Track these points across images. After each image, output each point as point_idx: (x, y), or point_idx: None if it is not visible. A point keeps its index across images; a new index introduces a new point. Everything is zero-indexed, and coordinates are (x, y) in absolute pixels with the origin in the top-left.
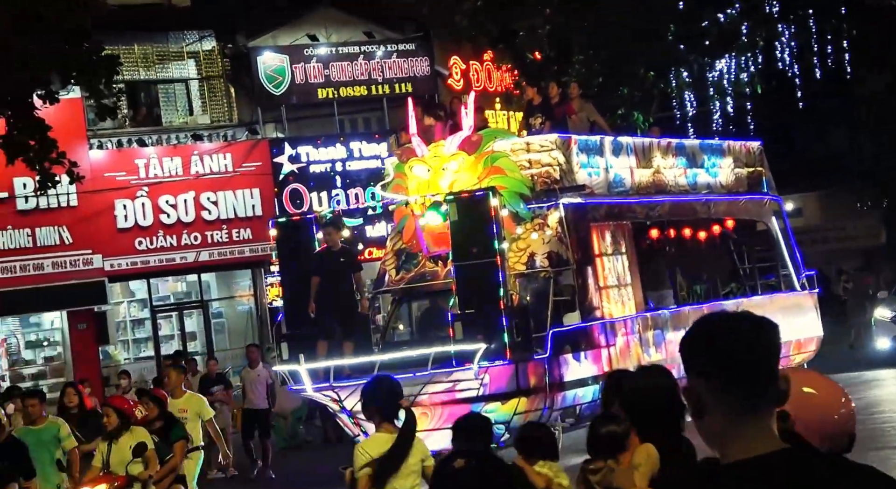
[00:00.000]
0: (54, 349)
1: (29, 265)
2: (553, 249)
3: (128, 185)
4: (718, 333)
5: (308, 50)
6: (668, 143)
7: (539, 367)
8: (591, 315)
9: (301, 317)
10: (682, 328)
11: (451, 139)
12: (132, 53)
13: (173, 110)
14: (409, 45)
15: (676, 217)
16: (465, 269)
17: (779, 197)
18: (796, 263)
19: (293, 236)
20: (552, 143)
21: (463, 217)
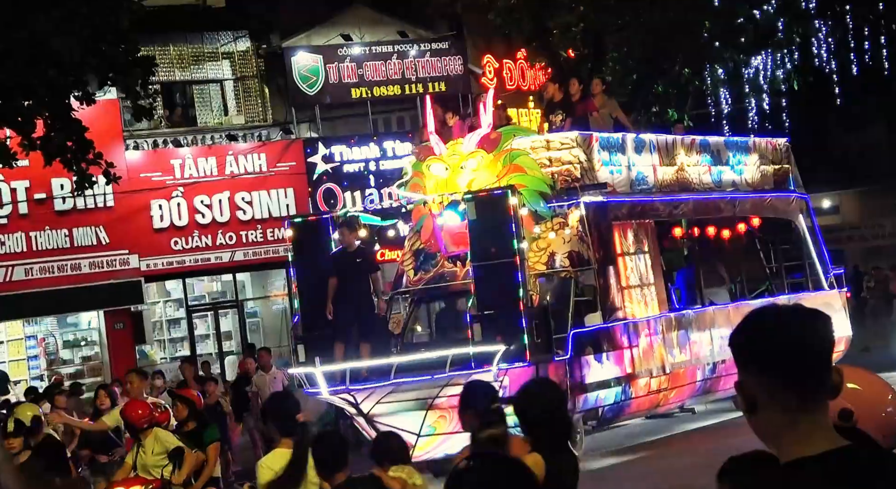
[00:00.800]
0: (91, 349)
1: (66, 265)
2: (574, 249)
3: (163, 185)
4: (771, 327)
5: (342, 50)
6: (692, 140)
7: (560, 369)
8: (613, 315)
9: (318, 319)
10: (707, 329)
11: (470, 137)
12: (167, 54)
13: (208, 111)
14: (443, 44)
15: (701, 215)
16: (483, 269)
17: (806, 194)
18: (824, 262)
19: (309, 237)
20: (573, 141)
21: (481, 216)
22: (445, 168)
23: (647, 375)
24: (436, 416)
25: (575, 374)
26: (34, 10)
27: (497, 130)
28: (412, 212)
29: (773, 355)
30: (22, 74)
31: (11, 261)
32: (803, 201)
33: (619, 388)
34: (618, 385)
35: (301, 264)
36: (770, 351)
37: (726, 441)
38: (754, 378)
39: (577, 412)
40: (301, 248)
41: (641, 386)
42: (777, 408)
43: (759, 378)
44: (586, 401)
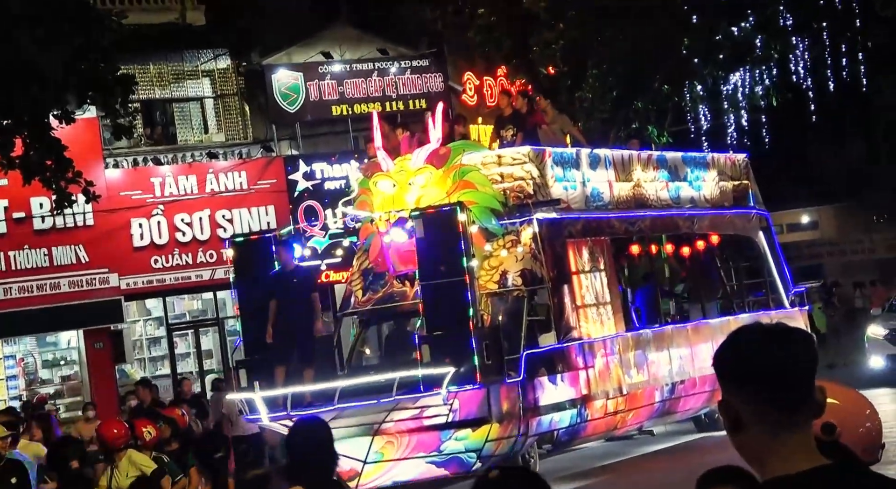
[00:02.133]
0: (71, 368)
1: (45, 284)
2: (527, 267)
3: (143, 203)
4: (756, 346)
5: (322, 67)
6: (648, 155)
7: (512, 391)
8: (567, 335)
9: (260, 343)
10: (666, 348)
11: (418, 152)
12: (147, 72)
13: (188, 128)
14: (423, 62)
15: (658, 232)
16: (432, 289)
17: (766, 211)
18: (785, 280)
19: (252, 256)
20: (525, 156)
21: (429, 234)
22: (393, 184)
23: (604, 397)
24: (383, 442)
25: (528, 397)
26: (15, 28)
27: (446, 146)
28: (360, 230)
29: (758, 374)
30: (1, 93)
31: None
32: (763, 218)
33: (575, 411)
34: (573, 407)
35: (243, 285)
36: (755, 370)
37: (686, 463)
38: (739, 397)
39: (531, 435)
40: (243, 269)
41: (598, 408)
42: (761, 426)
43: (744, 397)
44: (540, 425)
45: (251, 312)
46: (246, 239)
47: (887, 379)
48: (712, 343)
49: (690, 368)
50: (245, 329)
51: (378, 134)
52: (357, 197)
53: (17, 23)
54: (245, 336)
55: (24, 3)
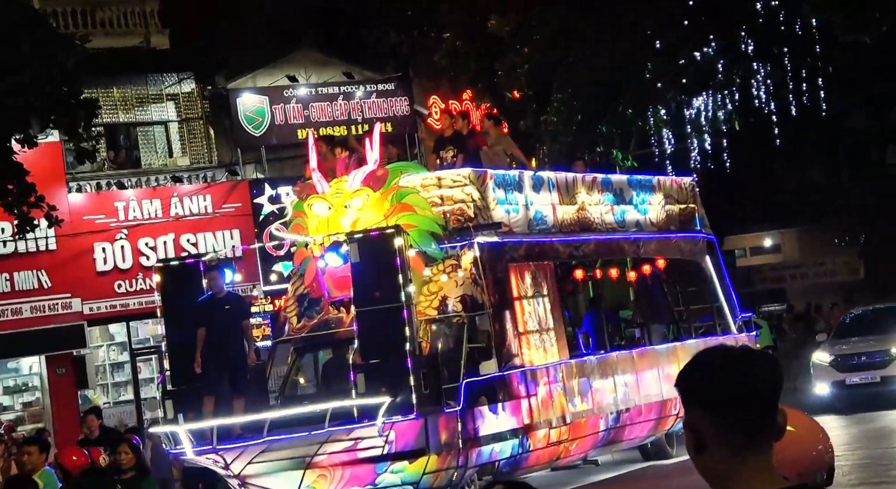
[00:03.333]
0: (33, 394)
1: (7, 310)
2: (467, 292)
3: (107, 227)
4: (720, 368)
5: (288, 91)
6: (593, 178)
7: (451, 421)
8: (509, 363)
9: (188, 372)
10: (611, 376)
11: (355, 174)
12: (111, 96)
13: (153, 152)
14: (389, 85)
15: (603, 256)
16: (368, 315)
17: (713, 235)
18: (732, 305)
19: (180, 281)
20: (466, 178)
21: (365, 258)
22: (328, 207)
23: (547, 426)
24: (315, 476)
25: (468, 427)
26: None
27: (384, 167)
28: (295, 254)
29: (722, 396)
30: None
31: None
32: (710, 242)
33: (516, 441)
34: (514, 437)
35: (171, 311)
36: (720, 391)
37: None
38: (703, 418)
39: (470, 467)
40: (171, 294)
41: (540, 437)
42: (725, 448)
43: (707, 418)
44: (480, 456)
45: (178, 341)
46: (172, 264)
47: (832, 405)
48: (658, 370)
49: (636, 396)
50: (172, 358)
51: (313, 154)
52: (292, 220)
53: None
54: (172, 365)
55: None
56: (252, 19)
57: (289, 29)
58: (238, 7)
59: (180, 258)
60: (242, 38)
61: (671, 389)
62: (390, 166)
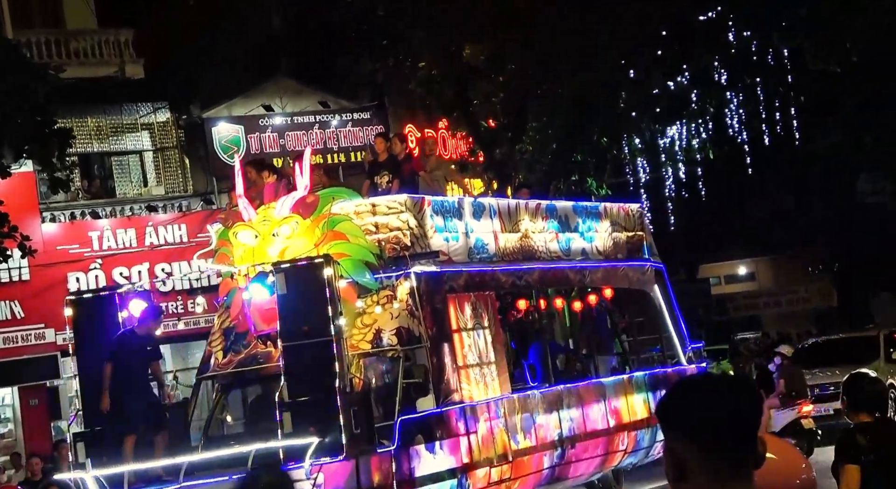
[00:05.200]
0: (5, 426)
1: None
2: (403, 324)
3: (81, 257)
4: (704, 396)
5: (263, 120)
6: (536, 204)
7: (384, 462)
8: (447, 399)
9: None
10: (554, 410)
11: (283, 201)
12: (85, 125)
13: (127, 182)
14: (364, 114)
15: (548, 286)
16: (295, 350)
17: (661, 263)
18: (682, 335)
19: (94, 315)
20: (402, 205)
21: (292, 290)
22: (255, 235)
23: (488, 465)
24: None
25: (402, 467)
26: None
27: (314, 193)
28: (220, 285)
29: (704, 423)
30: None
31: None
32: (659, 271)
33: (455, 481)
34: (452, 477)
35: (83, 347)
36: (702, 419)
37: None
38: (684, 445)
39: None
40: (84, 328)
41: (480, 477)
42: (707, 476)
43: (689, 445)
44: None
45: (92, 378)
46: (85, 296)
47: None
48: (605, 402)
49: (582, 430)
50: (84, 397)
51: (239, 180)
52: (217, 249)
53: None
54: (84, 405)
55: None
56: (227, 49)
57: (264, 58)
58: (213, 37)
59: (94, 290)
60: (217, 68)
61: (618, 423)
62: (321, 192)
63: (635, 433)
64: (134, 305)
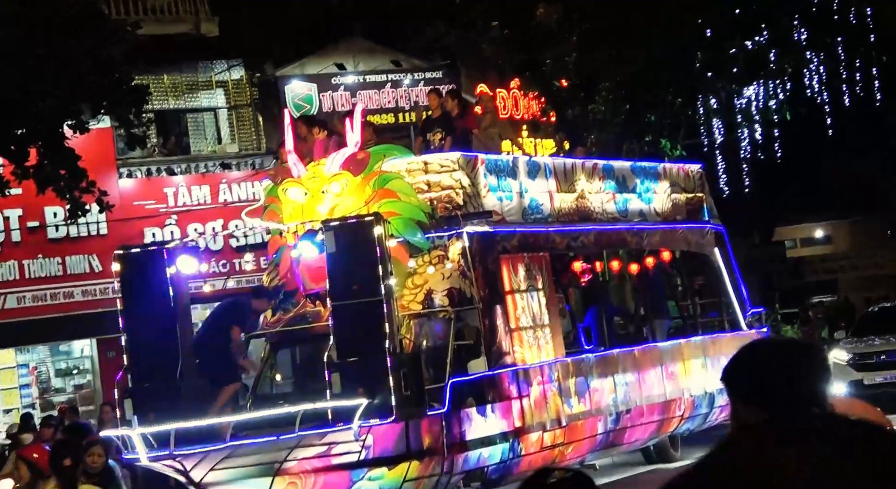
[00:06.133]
0: (84, 377)
1: (59, 293)
2: (455, 285)
3: (157, 213)
4: (760, 360)
5: (336, 78)
6: (593, 164)
7: (434, 425)
8: (499, 361)
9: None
10: (609, 374)
11: (333, 157)
12: (161, 83)
13: (202, 139)
14: (436, 74)
15: (604, 248)
16: (344, 310)
17: (722, 226)
18: (742, 300)
19: (141, 270)
20: (455, 163)
21: (341, 248)
22: (304, 192)
23: (540, 429)
24: (284, 483)
25: (453, 430)
26: (31, 37)
27: (365, 150)
28: (269, 243)
29: (760, 386)
30: (17, 103)
31: (4, 289)
32: (720, 233)
33: (507, 445)
34: (505, 441)
35: (131, 302)
36: (757, 382)
37: None
38: (745, 408)
39: (456, 473)
40: (131, 284)
41: (533, 441)
42: (767, 438)
43: (750, 408)
44: (467, 461)
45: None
46: (133, 251)
47: None
48: (661, 367)
49: (637, 396)
50: (133, 353)
51: (289, 135)
52: (266, 206)
53: (32, 32)
54: (132, 361)
55: (40, 14)
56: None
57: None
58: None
59: (142, 245)
60: (291, 26)
61: (675, 389)
62: (372, 149)
63: (692, 398)
64: (182, 261)
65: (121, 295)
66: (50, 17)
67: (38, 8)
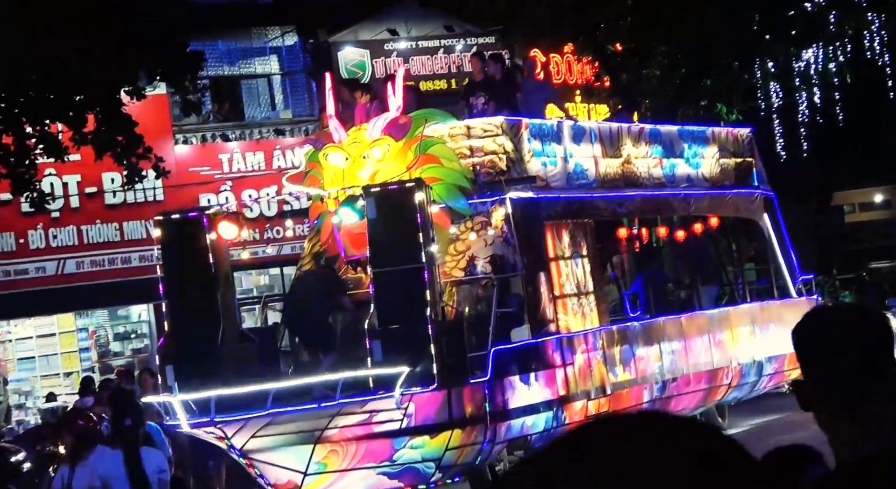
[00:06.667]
0: (142, 341)
1: (117, 258)
2: (498, 252)
3: (212, 179)
4: (821, 326)
5: (388, 44)
6: (640, 129)
7: (477, 393)
8: (543, 329)
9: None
10: (655, 342)
11: (374, 122)
12: (216, 50)
13: (256, 105)
14: (489, 39)
15: (650, 214)
16: (385, 277)
17: (771, 191)
18: (791, 266)
19: (182, 236)
20: (498, 127)
21: (382, 214)
22: (345, 157)
23: (584, 398)
24: (325, 451)
25: (496, 398)
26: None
27: (407, 115)
28: (310, 209)
29: (820, 353)
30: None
31: (63, 254)
32: (769, 198)
33: (551, 413)
34: (548, 409)
35: (171, 269)
36: (818, 349)
37: None
38: (807, 374)
39: (499, 442)
40: (172, 250)
41: (577, 410)
42: (830, 404)
43: (812, 374)
44: (510, 430)
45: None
46: (172, 218)
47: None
48: (708, 335)
49: (684, 364)
50: (173, 319)
51: (330, 99)
52: (307, 171)
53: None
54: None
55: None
56: None
57: None
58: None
59: (182, 211)
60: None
61: (723, 357)
62: (414, 114)
63: (740, 367)
64: (222, 227)
65: (161, 261)
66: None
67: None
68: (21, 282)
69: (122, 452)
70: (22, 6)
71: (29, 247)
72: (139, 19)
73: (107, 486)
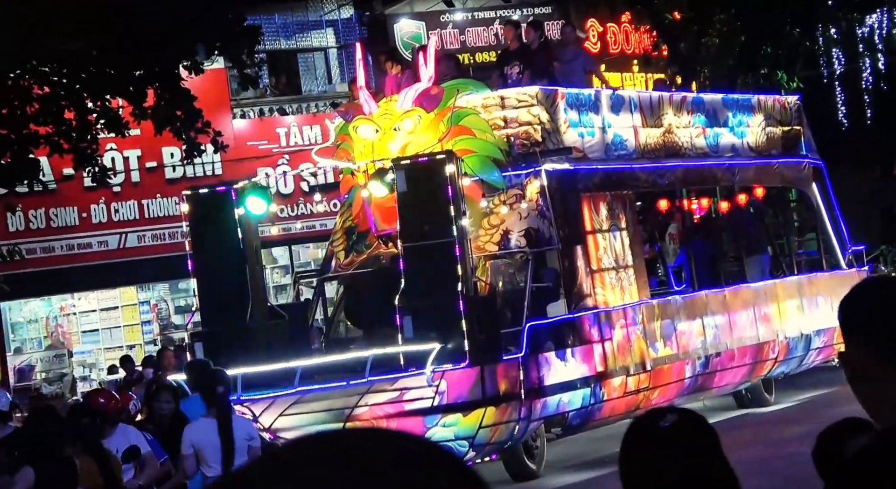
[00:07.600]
0: None
1: (177, 232)
2: (533, 225)
3: (269, 153)
4: (872, 295)
5: (444, 16)
6: (682, 97)
7: (511, 369)
8: (580, 304)
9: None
10: (699, 317)
11: (405, 93)
12: (272, 23)
13: (312, 79)
14: (546, 9)
15: (693, 185)
16: (415, 251)
17: (820, 160)
18: (841, 237)
19: (210, 211)
20: (533, 97)
21: (412, 187)
22: (375, 130)
23: (623, 373)
24: None
25: (531, 375)
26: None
27: (439, 85)
28: (341, 182)
29: (870, 323)
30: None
31: (125, 228)
32: (818, 168)
33: (588, 390)
34: (586, 386)
35: (201, 244)
36: (868, 319)
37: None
38: (855, 346)
39: (534, 419)
40: (201, 225)
41: (616, 386)
42: (874, 376)
43: (860, 346)
44: (546, 407)
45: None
46: (200, 192)
47: None
48: (754, 308)
49: (728, 339)
50: (202, 296)
51: (360, 69)
52: (337, 144)
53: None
54: (202, 305)
55: None
56: None
57: None
58: None
59: (210, 185)
60: None
61: (769, 331)
62: (446, 84)
63: (787, 340)
64: (251, 202)
65: (189, 237)
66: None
67: None
68: (84, 255)
69: (215, 420)
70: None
71: (91, 222)
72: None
73: None
